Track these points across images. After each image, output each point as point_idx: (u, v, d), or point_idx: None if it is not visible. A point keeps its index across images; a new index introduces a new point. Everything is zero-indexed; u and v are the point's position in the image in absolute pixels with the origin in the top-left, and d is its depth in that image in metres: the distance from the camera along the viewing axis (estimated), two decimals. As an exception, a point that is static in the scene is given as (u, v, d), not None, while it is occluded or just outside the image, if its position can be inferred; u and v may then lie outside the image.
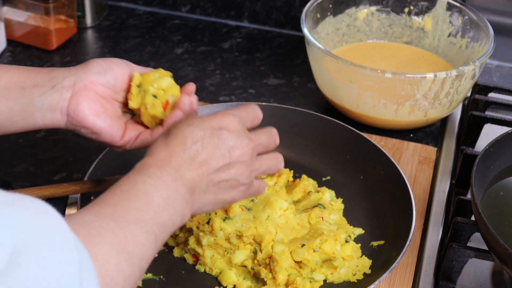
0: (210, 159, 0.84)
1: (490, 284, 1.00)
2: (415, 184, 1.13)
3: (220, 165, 0.84)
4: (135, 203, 0.76)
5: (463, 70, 1.15)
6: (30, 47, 1.39)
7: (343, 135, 1.14)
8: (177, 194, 0.80)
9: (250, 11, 1.47)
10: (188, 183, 0.82)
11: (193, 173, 0.83)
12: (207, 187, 0.84)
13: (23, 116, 0.92)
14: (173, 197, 0.80)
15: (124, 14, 1.50)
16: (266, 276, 0.95)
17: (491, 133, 1.17)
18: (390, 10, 1.34)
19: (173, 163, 0.82)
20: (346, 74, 1.17)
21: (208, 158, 0.84)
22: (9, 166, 1.14)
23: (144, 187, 0.79)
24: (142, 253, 0.74)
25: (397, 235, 1.00)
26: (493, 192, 1.00)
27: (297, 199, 1.06)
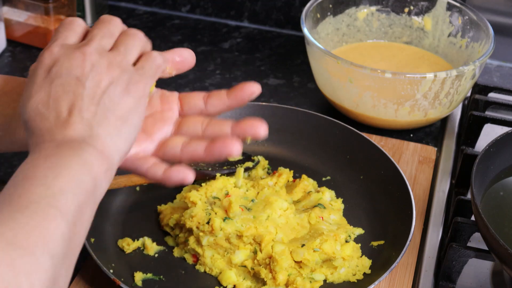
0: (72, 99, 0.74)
1: (490, 284, 1.00)
2: (415, 184, 1.13)
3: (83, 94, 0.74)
4: (16, 192, 0.68)
5: (463, 70, 1.15)
6: (30, 47, 1.39)
7: (343, 135, 1.14)
8: (66, 154, 0.71)
9: (250, 11, 1.47)
10: (75, 135, 0.73)
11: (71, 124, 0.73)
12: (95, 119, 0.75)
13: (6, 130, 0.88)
14: (62, 159, 0.71)
15: (124, 14, 1.50)
16: (266, 276, 0.95)
17: (491, 133, 1.17)
18: (390, 10, 1.34)
19: (46, 137, 0.73)
20: (346, 74, 1.17)
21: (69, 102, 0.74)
22: (9, 166, 1.14)
23: (22, 174, 0.70)
24: (44, 237, 0.65)
25: (397, 235, 1.00)
26: (493, 192, 1.00)
27: (297, 199, 1.06)
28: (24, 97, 0.76)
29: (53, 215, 0.66)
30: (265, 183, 1.05)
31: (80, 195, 0.70)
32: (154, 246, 1.00)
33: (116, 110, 0.76)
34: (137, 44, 0.80)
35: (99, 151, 0.73)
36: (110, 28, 0.80)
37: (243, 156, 1.13)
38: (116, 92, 0.76)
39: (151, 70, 0.79)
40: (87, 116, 0.74)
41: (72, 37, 0.79)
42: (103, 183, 0.73)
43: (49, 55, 0.77)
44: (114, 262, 0.97)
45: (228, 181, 1.04)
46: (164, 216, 1.03)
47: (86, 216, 0.71)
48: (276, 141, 1.16)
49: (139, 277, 0.96)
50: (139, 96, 0.77)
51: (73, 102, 0.74)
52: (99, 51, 0.77)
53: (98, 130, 0.74)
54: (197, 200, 1.00)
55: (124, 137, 0.76)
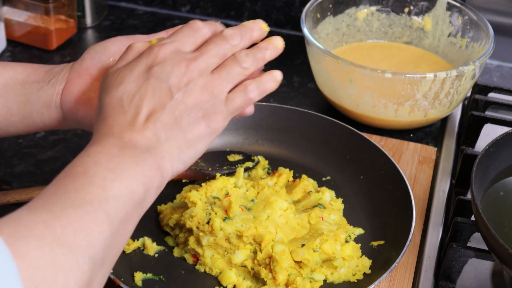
0: (155, 105, 0.75)
1: (490, 284, 1.00)
2: (415, 184, 1.13)
3: (167, 105, 0.75)
4: (73, 186, 0.68)
5: (463, 70, 1.15)
6: (30, 47, 1.39)
7: (343, 135, 1.14)
8: (128, 159, 0.71)
9: (250, 11, 1.47)
10: (141, 143, 0.74)
11: (142, 130, 0.74)
12: (166, 134, 0.75)
13: (22, 115, 0.89)
14: (123, 164, 0.71)
15: (124, 14, 1.50)
16: (266, 276, 0.95)
17: (491, 133, 1.17)
18: (390, 10, 1.34)
19: (116, 132, 0.74)
20: (346, 74, 1.17)
21: (151, 106, 0.75)
22: (9, 166, 1.14)
23: (83, 167, 0.70)
24: (89, 240, 0.65)
25: (397, 235, 1.00)
26: (493, 192, 1.00)
27: (297, 199, 1.06)
28: (115, 79, 0.76)
29: (101, 220, 0.67)
30: (265, 183, 1.05)
31: (129, 205, 0.70)
32: (154, 246, 1.00)
33: (187, 133, 0.76)
34: (241, 74, 0.79)
35: (158, 165, 0.74)
36: (224, 48, 0.79)
37: (243, 156, 1.13)
38: (196, 116, 0.76)
39: (239, 105, 0.79)
40: (160, 128, 0.74)
41: (189, 45, 0.79)
42: (152, 197, 0.74)
43: (159, 52, 0.77)
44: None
45: (228, 181, 1.04)
46: (164, 216, 1.03)
47: (129, 226, 0.72)
48: (276, 141, 1.16)
49: (139, 277, 0.96)
50: (215, 128, 0.78)
51: (155, 108, 0.75)
52: (202, 71, 0.77)
53: (164, 145, 0.75)
54: (197, 200, 1.00)
55: (183, 161, 0.77)
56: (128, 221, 0.71)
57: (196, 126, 0.76)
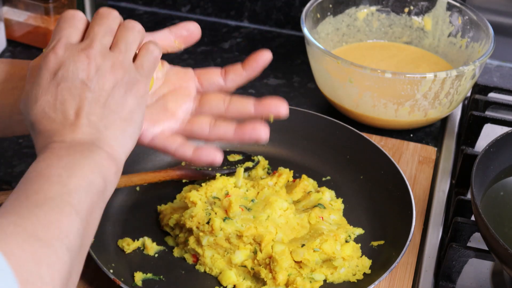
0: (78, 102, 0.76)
1: (490, 284, 1.00)
2: (415, 184, 1.13)
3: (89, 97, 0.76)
4: (32, 189, 0.70)
5: (463, 70, 1.15)
6: (30, 47, 1.39)
7: (343, 135, 1.14)
8: (77, 155, 0.73)
9: (250, 11, 1.47)
10: (83, 138, 0.75)
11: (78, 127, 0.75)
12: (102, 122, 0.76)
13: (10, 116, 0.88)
14: (74, 160, 0.73)
15: (124, 14, 1.50)
16: (266, 276, 0.95)
17: (491, 133, 1.17)
18: (390, 10, 1.34)
19: (56, 138, 0.75)
20: (346, 74, 1.17)
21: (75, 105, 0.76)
22: (9, 166, 1.14)
23: (36, 172, 0.72)
24: (61, 231, 0.67)
25: (397, 235, 1.00)
26: (493, 192, 1.00)
27: (297, 199, 1.06)
28: (29, 99, 0.78)
29: (68, 211, 0.69)
30: (265, 183, 1.05)
31: (92, 195, 0.72)
32: (154, 246, 1.00)
33: (120, 112, 0.78)
34: (136, 38, 0.81)
35: (108, 153, 0.75)
36: (110, 24, 0.81)
37: (243, 156, 1.13)
38: (120, 94, 0.78)
39: (150, 66, 0.81)
40: (94, 119, 0.76)
41: (75, 34, 0.80)
42: (112, 183, 0.76)
43: (54, 57, 0.78)
44: (114, 262, 0.97)
45: (228, 181, 1.04)
46: (164, 216, 1.03)
47: (96, 215, 0.73)
48: (276, 141, 1.16)
49: (139, 277, 0.96)
50: (140, 95, 0.79)
51: (80, 105, 0.76)
52: (102, 52, 0.78)
53: (105, 133, 0.76)
54: (197, 200, 1.00)
55: (129, 136, 0.78)
56: (94, 209, 0.72)
57: (124, 102, 0.78)
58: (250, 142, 0.86)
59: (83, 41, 0.79)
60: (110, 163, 0.75)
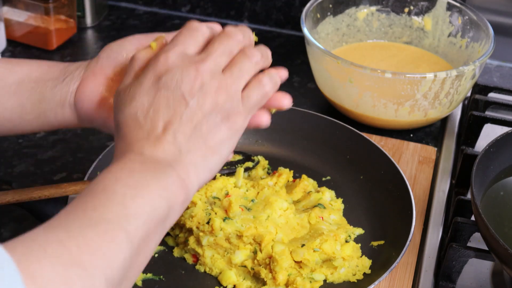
0: (171, 116, 0.73)
1: (490, 284, 1.00)
2: (415, 184, 1.13)
3: (184, 113, 0.73)
4: (92, 204, 0.66)
5: (463, 70, 1.15)
6: (30, 47, 1.39)
7: (343, 135, 1.14)
8: (149, 175, 0.69)
9: (250, 11, 1.47)
10: (162, 157, 0.72)
11: (162, 143, 0.72)
12: (187, 144, 0.73)
13: (36, 114, 0.87)
14: (144, 180, 0.69)
15: (124, 14, 1.50)
16: (266, 276, 0.95)
17: (491, 133, 1.17)
18: (390, 10, 1.34)
19: (135, 148, 0.72)
20: (346, 74, 1.17)
21: (167, 117, 0.73)
22: (9, 166, 1.14)
23: (103, 184, 0.68)
24: (106, 260, 0.63)
25: (397, 235, 1.00)
26: (493, 192, 1.00)
27: (297, 199, 1.06)
28: (126, 95, 0.75)
29: (120, 239, 0.64)
30: (265, 183, 1.05)
31: (151, 222, 0.68)
32: (154, 246, 1.00)
33: (209, 140, 0.74)
34: (252, 68, 0.77)
35: (181, 179, 0.72)
36: (230, 45, 0.77)
37: (243, 156, 1.13)
38: (216, 120, 0.74)
39: (256, 101, 0.77)
40: (180, 139, 0.72)
41: (193, 46, 0.77)
42: (176, 213, 0.72)
43: (164, 60, 0.75)
44: (114, 262, 0.96)
45: (228, 181, 1.04)
46: (164, 216, 1.03)
47: (151, 245, 0.69)
48: (276, 141, 1.16)
49: (139, 277, 0.96)
50: (236, 129, 0.76)
51: (171, 120, 0.73)
52: (213, 71, 0.75)
53: (186, 157, 0.72)
54: (197, 200, 1.00)
55: (209, 168, 0.75)
56: (150, 239, 0.68)
57: (217, 130, 0.74)
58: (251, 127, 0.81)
59: (199, 55, 0.76)
60: (180, 190, 0.71)
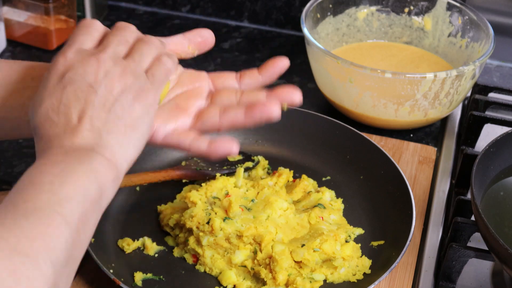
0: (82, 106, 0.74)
1: (490, 284, 1.00)
2: (415, 184, 1.13)
3: (95, 101, 0.74)
4: (21, 197, 0.67)
5: (463, 70, 1.15)
6: (30, 47, 1.39)
7: (343, 135, 1.14)
8: (73, 161, 0.70)
9: (250, 11, 1.47)
10: (83, 143, 0.72)
11: (79, 131, 0.73)
12: (105, 126, 0.74)
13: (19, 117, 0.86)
14: (69, 167, 0.70)
15: (124, 14, 1.50)
16: (266, 276, 0.95)
17: (491, 133, 1.17)
18: (390, 10, 1.34)
19: (55, 143, 0.72)
20: (346, 74, 1.17)
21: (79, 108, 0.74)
22: (9, 166, 1.14)
23: (28, 179, 0.69)
24: (47, 244, 0.64)
25: (397, 235, 1.00)
26: (493, 192, 1.00)
27: (297, 199, 1.06)
28: (35, 102, 0.76)
29: (57, 223, 0.66)
30: (265, 183, 1.05)
31: (85, 203, 0.69)
32: (154, 246, 1.00)
33: (126, 118, 0.75)
34: (152, 51, 0.80)
35: (107, 159, 0.73)
36: (125, 35, 0.79)
37: (243, 156, 1.13)
38: (127, 100, 0.75)
39: (161, 76, 0.79)
40: (97, 124, 0.74)
41: (88, 41, 0.78)
42: (110, 191, 0.73)
43: (63, 60, 0.76)
44: (114, 262, 0.97)
45: (228, 181, 1.04)
46: (164, 216, 1.03)
47: (90, 224, 0.70)
48: (276, 141, 1.16)
49: (139, 277, 0.96)
50: (149, 103, 0.77)
51: (84, 109, 0.74)
52: (114, 58, 0.76)
53: (108, 138, 0.74)
54: (197, 200, 1.00)
55: (133, 145, 0.76)
56: (88, 218, 0.69)
57: (131, 109, 0.75)
58: (262, 121, 0.82)
59: (96, 48, 0.78)
60: (108, 169, 0.73)
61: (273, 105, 0.83)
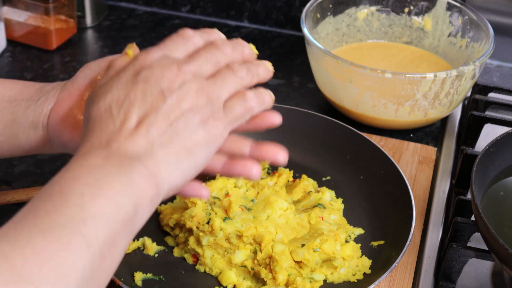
0: (147, 109, 0.68)
1: (490, 284, 1.00)
2: (415, 184, 1.13)
3: (160, 108, 0.68)
4: (44, 208, 0.58)
5: (463, 70, 1.15)
6: (30, 47, 1.39)
7: (343, 135, 1.14)
8: (112, 170, 0.63)
9: (250, 11, 1.47)
10: (131, 150, 0.65)
11: (133, 136, 0.66)
12: (161, 139, 0.67)
13: (7, 136, 0.80)
14: (106, 176, 0.62)
15: (124, 14, 1.50)
16: (266, 276, 0.95)
17: (491, 133, 1.17)
18: (390, 10, 1.34)
19: (102, 141, 0.66)
20: (346, 74, 1.17)
21: (143, 110, 0.67)
22: (9, 166, 1.14)
23: (59, 185, 0.61)
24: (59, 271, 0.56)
25: (397, 235, 1.00)
26: (493, 192, 1.00)
27: (297, 199, 1.06)
28: (101, 90, 0.70)
29: (77, 245, 0.58)
30: (265, 183, 1.05)
31: (115, 223, 0.61)
32: (154, 246, 1.00)
33: (185, 139, 0.68)
34: (237, 81, 0.73)
35: (150, 173, 0.65)
36: (217, 55, 0.73)
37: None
38: (193, 120, 0.69)
39: (238, 112, 0.72)
40: (153, 132, 0.67)
41: (179, 52, 0.73)
42: (146, 212, 0.65)
43: (146, 57, 0.71)
44: (114, 262, 0.96)
45: (228, 181, 1.04)
46: (164, 216, 1.03)
47: (118, 248, 0.62)
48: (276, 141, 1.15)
49: (139, 277, 0.96)
50: (215, 134, 0.70)
51: (147, 113, 0.67)
52: (196, 74, 0.70)
53: (157, 151, 0.67)
54: (197, 200, 1.00)
55: (181, 170, 0.68)
56: (116, 242, 0.61)
57: (194, 131, 0.68)
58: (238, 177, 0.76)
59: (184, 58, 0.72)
60: (149, 186, 0.64)
61: (254, 165, 0.76)
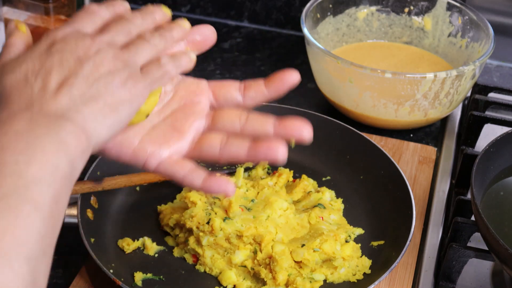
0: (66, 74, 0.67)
1: (490, 284, 1.00)
2: (415, 184, 1.13)
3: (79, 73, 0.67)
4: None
5: (463, 70, 1.15)
6: (30, 47, 1.39)
7: (343, 135, 1.14)
8: (40, 131, 0.63)
9: (250, 11, 1.47)
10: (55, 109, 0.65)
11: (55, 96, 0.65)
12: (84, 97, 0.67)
13: None
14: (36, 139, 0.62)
15: (124, 14, 1.50)
16: (266, 276, 0.95)
17: (491, 133, 1.17)
18: (390, 10, 1.34)
19: (22, 105, 0.65)
20: (346, 74, 1.17)
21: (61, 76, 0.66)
22: (9, 166, 1.14)
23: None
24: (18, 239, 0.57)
25: (397, 235, 1.00)
26: (493, 192, 1.00)
27: (297, 199, 1.06)
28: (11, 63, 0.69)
29: (27, 211, 0.59)
30: (265, 183, 1.05)
31: (56, 183, 0.62)
32: (154, 246, 1.00)
33: (107, 97, 0.68)
34: (150, 47, 0.72)
35: (78, 127, 0.65)
36: (128, 27, 0.73)
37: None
38: (113, 82, 0.68)
39: (156, 74, 0.71)
40: (75, 93, 0.66)
41: (89, 26, 0.72)
42: (79, 165, 0.66)
43: (57, 33, 0.70)
44: (114, 262, 0.97)
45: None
46: (164, 216, 1.03)
47: (62, 204, 0.63)
48: (276, 141, 1.16)
49: (139, 277, 0.96)
50: (135, 93, 0.70)
51: (66, 78, 0.67)
52: (110, 44, 0.70)
53: (83, 108, 0.66)
54: (197, 200, 1.00)
55: (108, 125, 0.68)
56: (59, 199, 0.62)
57: (115, 90, 0.68)
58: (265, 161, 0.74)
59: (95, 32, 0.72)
60: (79, 140, 0.65)
61: (280, 146, 0.73)
